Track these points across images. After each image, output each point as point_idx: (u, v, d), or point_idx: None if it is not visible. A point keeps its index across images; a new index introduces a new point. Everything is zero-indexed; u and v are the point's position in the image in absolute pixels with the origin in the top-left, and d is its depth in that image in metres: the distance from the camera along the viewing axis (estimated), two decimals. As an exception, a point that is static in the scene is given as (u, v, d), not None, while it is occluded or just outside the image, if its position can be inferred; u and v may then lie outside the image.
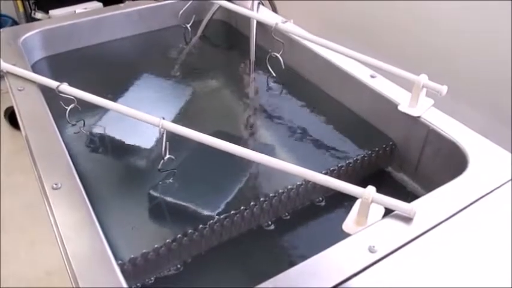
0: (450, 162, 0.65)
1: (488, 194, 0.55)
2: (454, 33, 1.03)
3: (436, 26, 1.07)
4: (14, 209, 1.53)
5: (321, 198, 0.67)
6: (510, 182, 0.57)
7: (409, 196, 0.71)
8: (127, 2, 1.43)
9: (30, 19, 1.86)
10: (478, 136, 0.65)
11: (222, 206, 0.60)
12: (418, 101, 0.69)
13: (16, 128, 1.88)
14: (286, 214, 0.65)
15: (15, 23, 2.03)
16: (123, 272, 0.46)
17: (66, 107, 0.74)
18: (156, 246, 0.55)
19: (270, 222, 0.63)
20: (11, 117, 1.88)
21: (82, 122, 0.76)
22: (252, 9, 0.93)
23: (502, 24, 0.92)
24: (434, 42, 1.08)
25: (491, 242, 0.50)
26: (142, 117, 0.65)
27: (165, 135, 0.64)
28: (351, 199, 0.54)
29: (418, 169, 0.72)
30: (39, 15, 1.83)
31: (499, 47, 0.94)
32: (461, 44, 1.03)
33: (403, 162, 0.73)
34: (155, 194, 0.62)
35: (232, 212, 0.59)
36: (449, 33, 1.05)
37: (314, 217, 0.66)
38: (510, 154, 0.61)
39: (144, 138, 0.73)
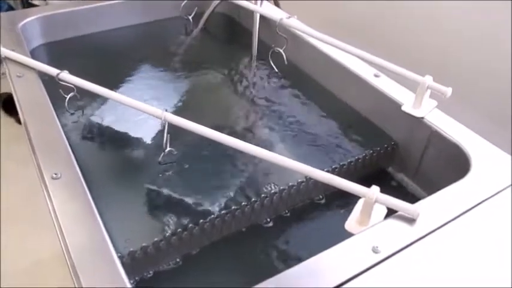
0: (452, 164, 0.65)
1: (491, 196, 0.55)
2: (455, 33, 1.03)
3: (438, 27, 1.07)
4: (4, 199, 1.51)
5: (321, 196, 0.67)
6: (513, 186, 0.57)
7: (409, 197, 0.70)
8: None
9: (26, 5, 1.83)
10: (481, 139, 0.65)
11: (223, 201, 0.59)
12: (422, 102, 0.69)
13: (10, 115, 1.85)
14: (287, 211, 0.65)
15: (11, 8, 2.00)
16: (121, 265, 0.45)
17: (66, 96, 0.73)
18: (155, 240, 0.54)
19: (268, 219, 0.63)
20: (5, 105, 1.85)
21: (81, 111, 0.75)
22: (255, 3, 0.92)
23: (502, 26, 0.92)
24: (435, 43, 1.08)
25: (493, 245, 0.50)
26: (145, 108, 0.64)
27: (166, 128, 0.63)
28: (351, 198, 0.54)
29: (418, 170, 0.71)
30: (36, 1, 1.80)
31: (500, 49, 0.94)
32: (462, 46, 1.03)
33: (404, 162, 0.73)
34: (155, 187, 0.62)
35: (233, 207, 0.59)
36: (449, 34, 1.05)
37: (314, 215, 0.65)
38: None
39: (144, 129, 0.72)
